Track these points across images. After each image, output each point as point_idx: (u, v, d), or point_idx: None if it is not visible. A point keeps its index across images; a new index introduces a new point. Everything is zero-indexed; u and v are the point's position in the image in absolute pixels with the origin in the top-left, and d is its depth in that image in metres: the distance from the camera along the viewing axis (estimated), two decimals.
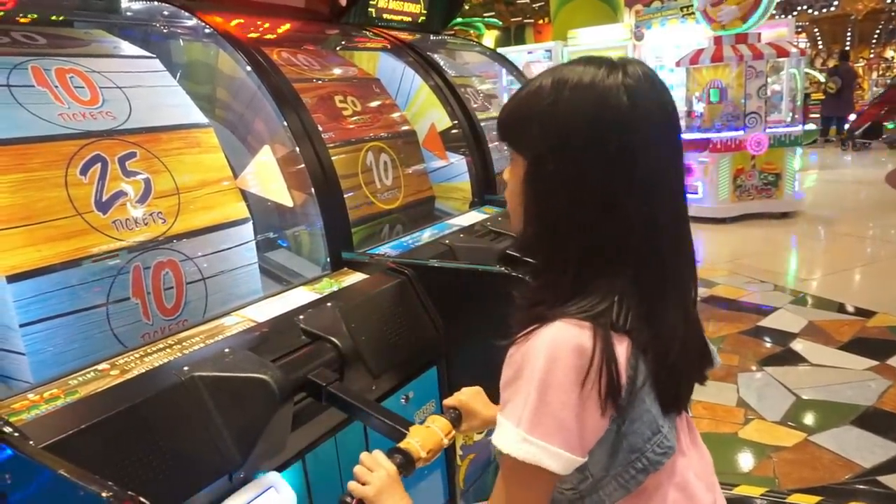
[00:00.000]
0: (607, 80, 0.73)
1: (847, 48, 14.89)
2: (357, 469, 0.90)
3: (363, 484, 0.87)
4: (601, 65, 0.75)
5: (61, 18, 1.49)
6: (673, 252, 0.78)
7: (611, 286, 0.74)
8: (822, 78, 12.62)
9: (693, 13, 7.22)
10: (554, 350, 0.71)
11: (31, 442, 0.78)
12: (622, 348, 0.73)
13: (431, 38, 2.84)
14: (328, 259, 1.53)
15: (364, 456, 0.92)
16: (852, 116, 11.80)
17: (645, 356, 0.75)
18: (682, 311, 0.79)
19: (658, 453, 0.76)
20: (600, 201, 0.73)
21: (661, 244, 0.76)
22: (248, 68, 1.57)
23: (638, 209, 0.73)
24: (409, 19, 2.67)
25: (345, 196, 1.60)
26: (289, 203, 1.60)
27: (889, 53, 17.20)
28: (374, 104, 2.04)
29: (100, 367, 1.00)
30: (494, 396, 1.11)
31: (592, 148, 0.72)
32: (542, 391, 0.71)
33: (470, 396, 1.07)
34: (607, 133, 0.72)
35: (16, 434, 0.79)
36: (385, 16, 2.52)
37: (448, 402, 1.08)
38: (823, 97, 11.73)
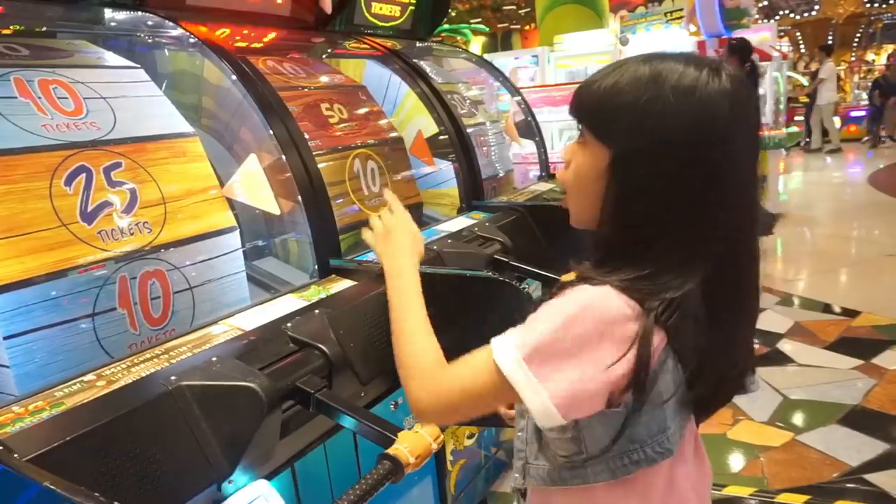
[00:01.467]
0: (709, 85, 0.71)
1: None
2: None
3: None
4: (701, 66, 0.72)
5: (44, 29, 1.48)
6: (749, 259, 0.78)
7: (678, 287, 0.72)
8: (805, 81, 12.77)
9: (677, 18, 7.29)
10: (592, 301, 0.72)
11: (15, 455, 0.77)
12: (657, 340, 0.72)
13: (418, 44, 2.85)
14: (316, 266, 1.53)
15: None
16: (836, 119, 11.99)
17: (684, 357, 0.75)
18: (748, 322, 0.81)
19: (657, 451, 0.76)
20: (690, 207, 0.72)
21: (740, 251, 0.76)
22: (234, 77, 1.58)
23: (726, 217, 0.73)
24: (399, 12, 2.66)
25: (332, 203, 1.61)
26: (276, 211, 1.60)
27: (870, 56, 17.46)
28: (361, 111, 2.04)
29: (86, 378, 0.99)
30: None
31: (690, 155, 0.71)
32: (561, 328, 0.71)
33: None
34: (707, 142, 0.71)
35: (0, 447, 0.78)
36: (372, 13, 2.52)
37: None
38: (808, 100, 11.87)
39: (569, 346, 0.71)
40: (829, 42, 16.71)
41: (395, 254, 1.05)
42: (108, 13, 1.61)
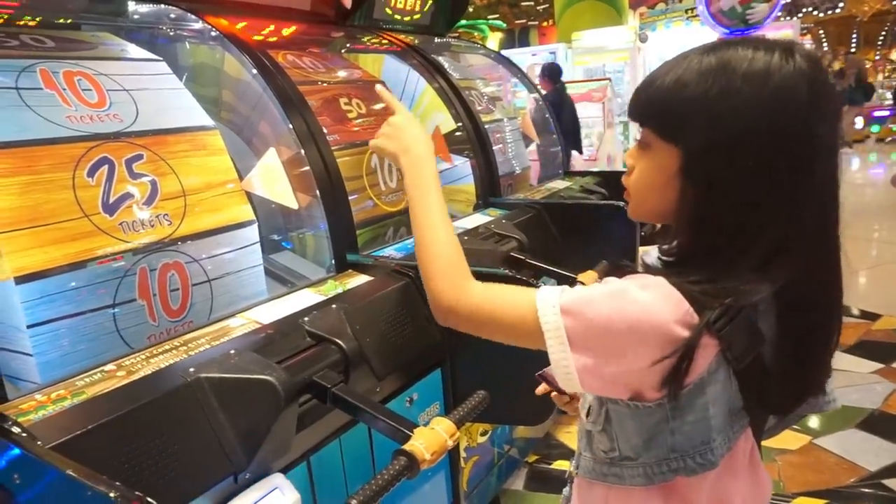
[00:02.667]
0: (784, 68, 0.65)
1: (853, 50, 14.86)
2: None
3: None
4: (772, 49, 0.67)
5: (69, 21, 1.50)
6: (833, 265, 0.73)
7: (747, 293, 0.67)
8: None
9: (697, 15, 7.22)
10: (650, 283, 0.69)
11: (38, 442, 0.78)
12: (707, 349, 0.68)
13: (436, 40, 2.84)
14: (333, 261, 1.53)
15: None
16: (858, 118, 11.85)
17: (739, 368, 0.71)
18: (828, 335, 0.75)
19: (698, 462, 0.73)
20: (775, 204, 0.67)
21: (824, 254, 0.72)
22: (254, 71, 1.58)
23: (812, 214, 0.68)
24: (418, 6, 2.64)
25: (349, 198, 1.61)
26: (294, 205, 1.60)
27: (895, 55, 17.15)
28: (379, 106, 2.04)
29: (106, 368, 1.01)
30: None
31: (770, 146, 0.65)
32: (609, 295, 0.70)
33: None
34: (788, 130, 0.65)
35: (24, 434, 0.80)
36: (392, 8, 2.51)
37: None
38: None
39: (609, 325, 0.69)
40: (854, 40, 16.45)
41: (408, 149, 1.00)
42: (131, 6, 1.62)
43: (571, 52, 9.06)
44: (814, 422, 2.72)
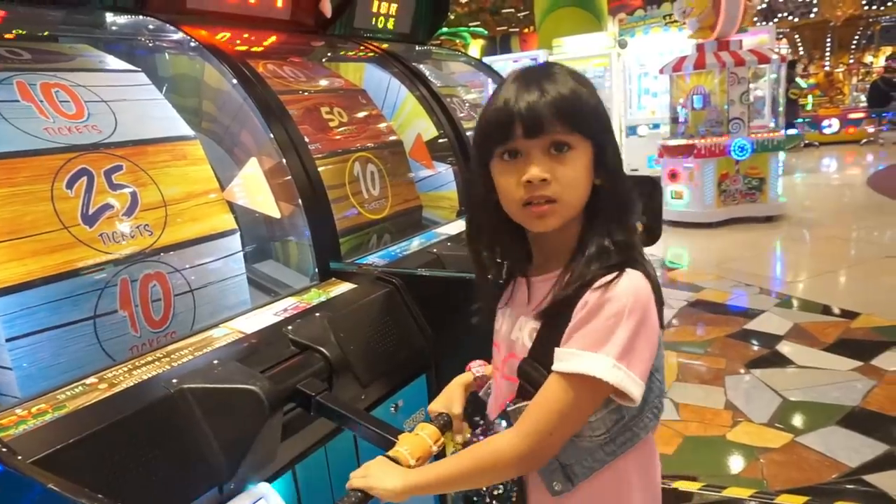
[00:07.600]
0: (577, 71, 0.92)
1: (827, 54, 15.15)
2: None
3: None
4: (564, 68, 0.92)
5: (46, 34, 1.49)
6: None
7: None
8: (804, 84, 12.83)
9: (675, 21, 7.34)
10: (641, 297, 0.84)
11: (19, 457, 0.78)
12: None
13: (417, 48, 2.86)
14: (316, 269, 1.53)
15: None
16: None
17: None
18: None
19: (660, 380, 0.91)
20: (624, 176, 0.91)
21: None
22: (234, 81, 1.58)
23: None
24: (395, 11, 2.65)
25: (332, 206, 1.61)
26: (276, 214, 1.60)
27: (868, 58, 17.49)
28: (361, 115, 2.05)
29: (88, 380, 1.00)
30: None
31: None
32: (636, 330, 0.82)
33: (450, 398, 1.10)
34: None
35: (3, 449, 0.79)
36: (372, 16, 2.52)
37: (433, 407, 1.09)
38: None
39: (643, 339, 0.83)
40: (828, 44, 16.75)
41: (385, 473, 0.89)
42: (110, 17, 1.61)
43: (552, 59, 9.14)
44: (796, 420, 2.76)
